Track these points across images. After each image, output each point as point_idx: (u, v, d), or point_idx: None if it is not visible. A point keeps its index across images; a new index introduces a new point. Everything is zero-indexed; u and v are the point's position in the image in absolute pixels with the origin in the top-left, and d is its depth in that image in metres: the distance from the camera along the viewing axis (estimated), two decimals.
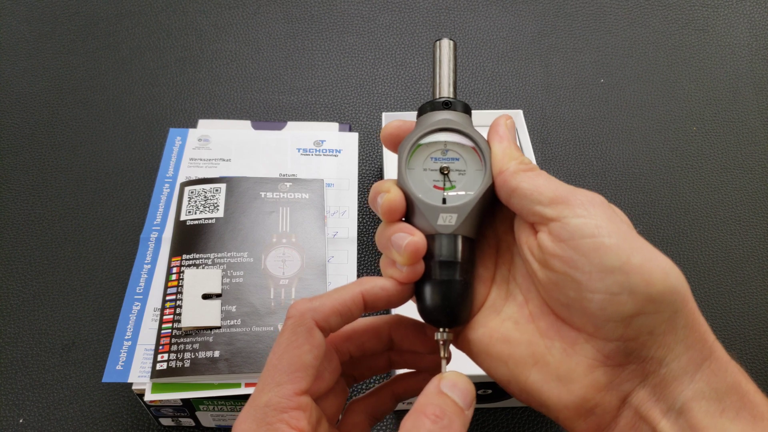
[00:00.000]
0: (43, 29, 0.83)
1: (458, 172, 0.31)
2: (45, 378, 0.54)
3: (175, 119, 0.74)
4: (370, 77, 0.80)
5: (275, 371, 0.28)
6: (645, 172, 0.72)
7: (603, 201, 0.28)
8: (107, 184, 0.68)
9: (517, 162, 0.30)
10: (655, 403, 0.26)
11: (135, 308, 0.50)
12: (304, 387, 0.28)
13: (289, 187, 0.57)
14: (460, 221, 0.30)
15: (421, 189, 0.31)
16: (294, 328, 0.29)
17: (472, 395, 0.28)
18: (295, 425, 0.27)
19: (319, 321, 0.29)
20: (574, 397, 0.27)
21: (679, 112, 0.78)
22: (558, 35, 0.86)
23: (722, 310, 0.61)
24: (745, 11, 0.91)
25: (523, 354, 0.29)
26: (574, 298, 0.27)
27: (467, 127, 0.32)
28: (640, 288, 0.25)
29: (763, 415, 0.26)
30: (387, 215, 0.30)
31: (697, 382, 0.26)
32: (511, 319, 0.30)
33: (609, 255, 0.26)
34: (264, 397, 0.27)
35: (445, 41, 0.34)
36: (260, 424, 0.27)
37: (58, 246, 0.63)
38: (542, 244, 0.28)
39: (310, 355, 0.28)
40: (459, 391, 0.28)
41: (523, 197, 0.29)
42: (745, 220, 0.69)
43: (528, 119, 0.69)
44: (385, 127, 0.33)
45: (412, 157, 0.31)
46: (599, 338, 0.27)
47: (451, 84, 0.33)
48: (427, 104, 0.33)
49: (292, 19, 0.86)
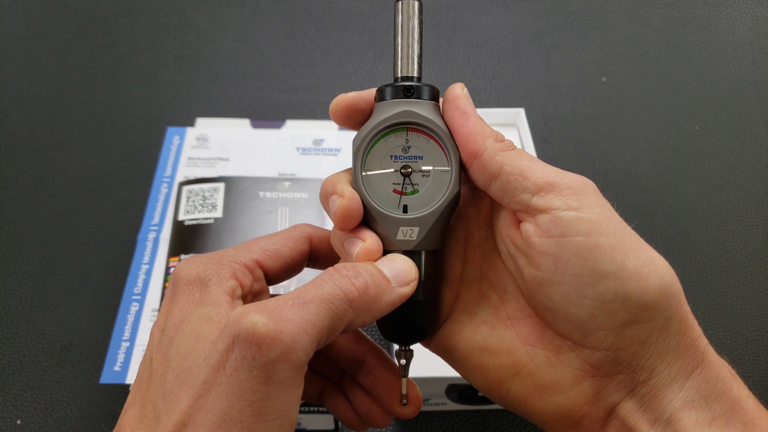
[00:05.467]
0: (40, 28, 0.83)
1: (421, 173, 0.27)
2: (42, 379, 0.54)
3: (173, 118, 0.74)
4: (369, 75, 0.79)
5: (251, 242, 0.29)
6: (647, 171, 0.72)
7: (594, 188, 0.26)
8: (105, 184, 0.67)
9: (493, 140, 0.26)
10: (642, 414, 0.25)
11: (133, 309, 0.50)
12: (267, 264, 0.28)
13: (288, 187, 0.57)
14: (422, 236, 0.26)
15: (379, 194, 0.27)
16: (289, 230, 0.30)
17: (408, 274, 0.26)
18: (239, 277, 0.27)
19: (313, 239, 0.30)
20: (560, 408, 0.25)
21: (681, 111, 0.78)
22: (560, 33, 0.86)
23: (724, 311, 0.61)
24: (748, 10, 0.90)
25: (503, 364, 0.27)
26: (559, 303, 0.25)
27: (431, 121, 0.27)
28: (635, 295, 0.23)
29: (754, 422, 0.24)
30: (341, 224, 0.26)
31: (686, 390, 0.24)
32: (487, 323, 0.28)
33: (603, 258, 0.23)
34: (228, 250, 0.28)
35: (409, 1, 0.28)
36: (209, 258, 0.27)
37: (55, 246, 0.62)
38: (527, 239, 0.25)
39: (289, 250, 0.29)
40: (393, 266, 0.26)
41: (506, 183, 0.25)
42: (748, 219, 0.68)
43: (529, 118, 0.68)
44: (336, 100, 0.27)
45: (368, 157, 0.27)
46: (587, 347, 0.25)
47: (416, 60, 0.28)
48: (387, 88, 0.27)
49: (291, 17, 0.86)
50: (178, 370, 0.23)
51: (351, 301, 0.23)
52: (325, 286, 0.23)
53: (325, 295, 0.23)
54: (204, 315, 0.25)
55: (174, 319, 0.25)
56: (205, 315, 0.25)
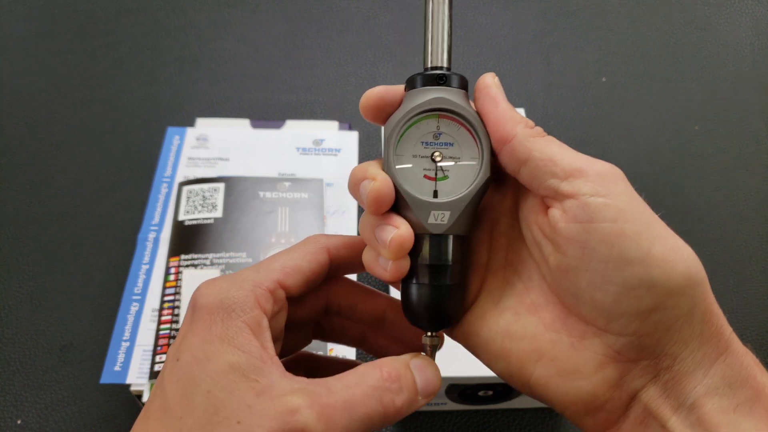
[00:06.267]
0: (41, 28, 0.83)
1: (452, 159, 0.28)
2: (43, 379, 0.54)
3: (173, 118, 0.74)
4: (370, 76, 0.79)
5: (270, 260, 0.28)
6: (647, 171, 0.72)
7: (623, 176, 0.26)
8: (105, 184, 0.67)
9: (524, 125, 0.27)
10: (665, 400, 0.25)
11: (133, 309, 0.50)
12: (288, 283, 0.28)
13: (288, 187, 0.57)
14: (453, 220, 0.27)
15: (411, 179, 0.27)
16: (304, 243, 0.30)
17: (434, 388, 0.27)
18: (262, 303, 0.26)
19: (330, 248, 0.30)
20: (582, 393, 0.26)
21: (681, 111, 0.78)
22: (560, 33, 0.86)
23: (725, 310, 0.60)
24: (748, 10, 0.90)
25: (526, 349, 0.27)
26: (585, 289, 0.25)
27: (463, 107, 0.28)
28: (661, 282, 0.23)
29: None
30: (374, 207, 0.27)
31: (711, 377, 0.24)
32: (511, 309, 0.28)
33: (629, 244, 0.24)
34: (248, 272, 0.28)
35: None
36: (231, 281, 0.27)
37: (55, 246, 0.62)
38: (554, 225, 0.25)
39: (308, 264, 0.29)
40: (424, 375, 0.27)
41: (535, 168, 0.26)
42: (748, 219, 0.68)
43: (529, 117, 0.68)
44: (366, 95, 0.28)
45: (400, 142, 0.28)
46: (611, 333, 0.25)
47: (446, 50, 0.29)
48: (418, 76, 0.28)
49: (291, 18, 0.86)
50: (203, 420, 0.23)
51: (386, 417, 0.25)
52: (370, 402, 0.25)
53: (369, 411, 0.25)
54: (234, 364, 0.24)
55: (193, 349, 0.25)
56: (235, 365, 0.24)
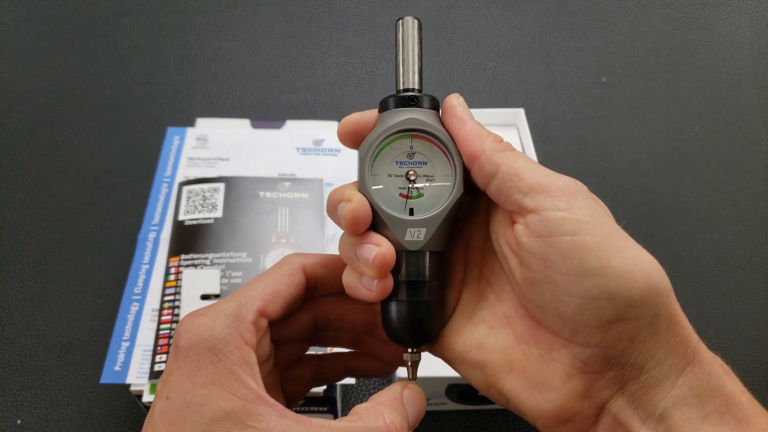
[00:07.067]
0: (41, 28, 0.83)
1: (426, 178, 0.28)
2: (43, 379, 0.54)
3: (173, 118, 0.74)
4: (369, 76, 0.79)
5: (247, 288, 0.29)
6: (646, 171, 0.72)
7: (585, 190, 0.26)
8: (105, 184, 0.67)
9: (491, 141, 0.27)
10: (634, 411, 0.25)
11: (133, 309, 0.50)
12: (269, 309, 0.28)
13: (288, 187, 0.57)
14: (429, 236, 0.27)
15: (387, 198, 0.28)
16: (279, 265, 0.30)
17: (421, 417, 0.29)
18: (247, 339, 0.27)
19: (306, 267, 0.30)
20: (551, 405, 0.26)
21: (680, 112, 0.78)
22: (559, 34, 0.86)
23: (723, 311, 0.61)
24: (747, 10, 0.90)
25: (498, 360, 0.27)
26: (550, 300, 0.25)
27: (435, 127, 0.29)
28: (621, 292, 0.24)
29: (748, 418, 0.24)
30: (351, 227, 0.27)
31: (678, 388, 0.24)
32: (485, 322, 0.29)
33: (589, 256, 0.24)
34: (229, 304, 0.28)
35: (409, 20, 0.30)
36: (214, 317, 0.27)
37: (55, 246, 0.62)
38: (518, 239, 0.26)
39: (285, 287, 0.29)
40: (415, 409, 0.28)
41: (501, 183, 0.26)
42: (747, 220, 0.68)
43: (529, 118, 0.68)
44: (342, 122, 0.29)
45: (375, 162, 0.28)
46: (576, 344, 0.25)
47: (416, 72, 0.30)
48: (390, 99, 0.29)
49: (291, 18, 0.86)
50: None
51: None
52: None
53: None
54: (229, 411, 0.24)
55: (183, 391, 0.25)
56: (231, 412, 0.24)
